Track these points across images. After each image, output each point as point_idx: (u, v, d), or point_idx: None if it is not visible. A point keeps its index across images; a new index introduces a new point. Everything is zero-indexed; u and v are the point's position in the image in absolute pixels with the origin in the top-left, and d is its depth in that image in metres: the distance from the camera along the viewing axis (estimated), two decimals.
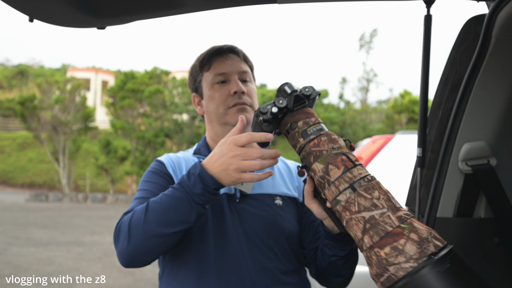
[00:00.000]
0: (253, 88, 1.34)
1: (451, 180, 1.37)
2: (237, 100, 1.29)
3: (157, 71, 24.68)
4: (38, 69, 51.74)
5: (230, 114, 1.30)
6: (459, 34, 1.39)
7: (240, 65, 1.33)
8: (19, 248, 8.28)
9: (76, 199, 21.24)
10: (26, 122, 23.96)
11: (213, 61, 1.33)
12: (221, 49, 1.34)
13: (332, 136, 0.95)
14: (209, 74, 1.33)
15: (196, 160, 1.32)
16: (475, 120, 1.36)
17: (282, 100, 0.97)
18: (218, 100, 1.31)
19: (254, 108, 1.31)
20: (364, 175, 0.89)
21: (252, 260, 1.20)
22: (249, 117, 1.29)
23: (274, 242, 1.23)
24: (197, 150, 1.37)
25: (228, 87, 1.30)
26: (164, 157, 1.34)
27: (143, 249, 1.05)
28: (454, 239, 1.37)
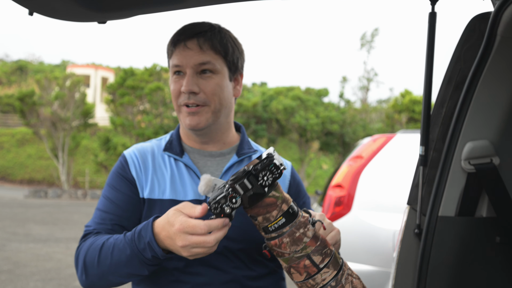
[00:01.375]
0: (214, 82, 1.18)
1: (453, 179, 1.36)
2: (187, 100, 1.17)
3: (157, 68, 24.66)
4: (37, 65, 51.70)
5: (182, 114, 1.20)
6: (464, 32, 1.38)
7: (197, 56, 1.16)
8: (18, 244, 8.28)
9: (75, 196, 21.24)
10: (25, 118, 23.94)
11: (174, 49, 1.19)
12: (184, 33, 1.19)
13: (295, 235, 0.87)
14: (170, 61, 1.22)
15: (167, 158, 1.24)
16: (478, 119, 1.35)
17: (236, 199, 0.87)
18: (172, 93, 1.21)
19: (212, 106, 1.18)
20: (328, 282, 0.87)
21: (218, 271, 1.15)
22: (201, 120, 1.17)
23: (242, 251, 1.17)
24: (168, 144, 1.26)
25: (183, 81, 1.18)
26: (130, 152, 1.25)
27: (99, 286, 1.10)
28: (455, 238, 1.37)
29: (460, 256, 1.36)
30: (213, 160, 1.25)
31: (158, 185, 1.20)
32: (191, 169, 1.21)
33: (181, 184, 1.20)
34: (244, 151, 1.26)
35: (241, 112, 22.54)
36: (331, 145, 24.46)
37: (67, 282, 5.80)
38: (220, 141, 1.26)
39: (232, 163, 1.23)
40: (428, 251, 1.35)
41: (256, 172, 0.86)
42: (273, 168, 0.86)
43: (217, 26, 1.23)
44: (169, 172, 1.21)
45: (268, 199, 0.87)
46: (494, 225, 1.37)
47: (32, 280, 5.84)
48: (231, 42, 1.23)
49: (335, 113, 24.41)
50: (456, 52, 1.40)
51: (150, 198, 1.18)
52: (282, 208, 0.88)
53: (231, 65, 1.22)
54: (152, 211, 1.17)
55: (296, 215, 0.89)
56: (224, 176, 1.22)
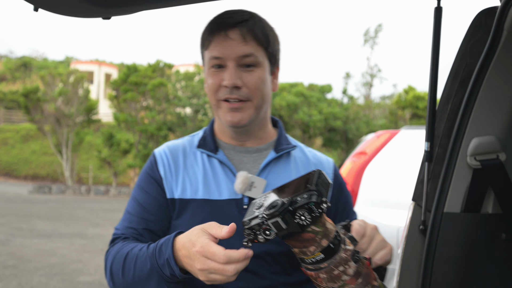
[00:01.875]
0: (257, 76, 1.10)
1: (459, 175, 1.35)
2: (228, 94, 1.09)
3: (160, 64, 24.66)
4: (41, 61, 51.79)
5: (222, 109, 1.12)
6: (470, 26, 1.37)
7: (240, 47, 1.08)
8: (22, 239, 8.32)
9: (79, 192, 21.32)
10: (30, 114, 24.01)
11: (212, 40, 1.11)
12: (224, 23, 1.10)
13: (334, 272, 0.80)
14: (207, 53, 1.13)
15: (200, 155, 1.18)
16: (484, 115, 1.34)
17: (270, 231, 0.79)
18: (210, 88, 1.12)
19: (255, 102, 1.12)
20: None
21: (255, 276, 1.08)
22: (244, 117, 1.11)
23: (282, 255, 1.10)
24: (202, 141, 1.20)
25: (223, 74, 1.10)
26: (160, 150, 1.21)
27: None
28: (461, 234, 1.36)
29: (466, 253, 1.36)
30: (249, 156, 1.18)
31: (190, 184, 1.14)
32: (226, 166, 1.15)
33: (215, 183, 1.13)
34: (282, 147, 1.19)
35: None
36: (334, 141, 24.42)
37: (71, 277, 5.82)
38: (257, 137, 1.20)
39: (270, 159, 1.16)
40: (433, 247, 1.35)
41: (294, 209, 0.76)
42: (314, 206, 0.75)
43: (257, 15, 1.15)
44: (201, 170, 1.15)
45: (306, 234, 0.78)
46: (500, 222, 1.36)
47: (36, 275, 5.87)
48: (271, 32, 1.15)
49: (338, 109, 24.36)
50: (462, 47, 1.39)
51: (182, 198, 1.13)
52: (321, 243, 0.79)
53: (271, 57, 1.15)
54: (184, 212, 1.12)
55: (337, 250, 0.80)
56: (262, 173, 1.15)
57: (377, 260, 0.91)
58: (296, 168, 1.19)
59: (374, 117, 27.53)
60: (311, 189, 0.76)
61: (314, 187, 0.76)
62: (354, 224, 0.92)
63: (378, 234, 0.94)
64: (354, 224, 0.92)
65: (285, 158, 1.20)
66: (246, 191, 1.11)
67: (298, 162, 1.21)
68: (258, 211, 0.81)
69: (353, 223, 0.93)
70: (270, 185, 1.14)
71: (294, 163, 1.20)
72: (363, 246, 0.91)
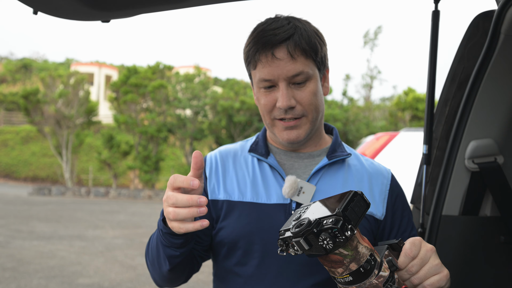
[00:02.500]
0: (309, 91, 1.08)
1: (457, 178, 1.36)
2: (283, 115, 1.09)
3: (160, 66, 24.68)
4: (42, 63, 51.82)
5: (277, 128, 1.12)
6: (467, 30, 1.38)
7: (290, 67, 1.05)
8: (21, 242, 8.32)
9: (79, 193, 21.30)
10: (30, 116, 24.01)
11: (258, 61, 1.08)
12: (270, 41, 1.05)
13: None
14: (255, 73, 1.11)
15: (250, 159, 1.18)
16: (482, 118, 1.35)
17: (298, 247, 0.77)
18: (263, 108, 1.11)
19: (310, 117, 1.10)
20: None
21: (296, 284, 1.07)
22: (300, 134, 1.10)
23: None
24: (254, 145, 1.20)
25: (275, 94, 1.08)
26: (211, 153, 1.23)
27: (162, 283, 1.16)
28: (459, 237, 1.36)
29: (464, 255, 1.36)
30: (300, 162, 1.17)
31: (238, 187, 1.14)
32: (276, 170, 1.14)
33: (264, 186, 1.13)
34: (336, 154, 1.16)
35: (244, 109, 22.52)
36: None
37: (70, 280, 5.82)
38: (311, 144, 1.18)
39: (321, 165, 1.14)
40: None
41: (318, 231, 0.74)
42: (337, 232, 0.72)
43: (299, 23, 1.10)
44: (251, 174, 1.15)
45: (333, 256, 0.75)
46: (498, 225, 1.37)
47: (35, 277, 5.87)
48: (317, 38, 1.11)
49: (338, 111, 24.35)
50: (460, 51, 1.39)
51: (229, 200, 1.13)
52: (349, 267, 0.75)
53: (320, 64, 1.12)
54: (231, 214, 1.12)
55: (368, 275, 0.76)
56: (312, 179, 1.13)
57: (428, 285, 0.85)
58: (351, 176, 1.16)
59: (374, 119, 27.54)
60: (337, 213, 0.74)
61: (340, 212, 0.74)
62: (406, 243, 0.86)
63: (434, 257, 0.87)
64: (406, 244, 0.86)
65: (339, 166, 1.17)
66: (294, 196, 1.09)
67: (353, 170, 1.17)
68: (293, 223, 0.80)
69: (406, 243, 0.86)
70: (321, 191, 1.12)
71: (348, 171, 1.17)
72: (413, 268, 0.84)
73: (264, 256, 1.08)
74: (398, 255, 0.85)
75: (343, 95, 29.86)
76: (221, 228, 1.12)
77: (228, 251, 1.12)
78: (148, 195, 20.84)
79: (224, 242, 1.11)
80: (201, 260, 1.18)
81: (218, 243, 1.13)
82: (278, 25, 1.08)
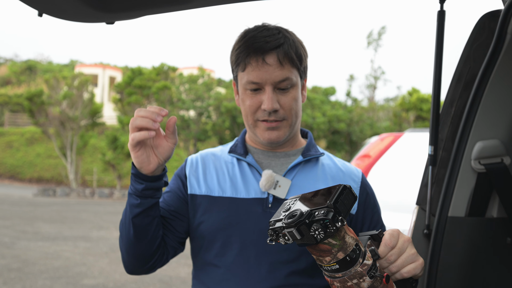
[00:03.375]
0: (291, 97, 1.17)
1: (463, 179, 1.35)
2: (266, 117, 1.17)
3: (164, 68, 24.73)
4: (46, 64, 52.04)
5: (259, 129, 1.20)
6: (473, 30, 1.37)
7: (277, 72, 1.14)
8: (26, 242, 8.35)
9: (83, 194, 21.37)
10: (34, 117, 24.11)
11: (248, 64, 1.15)
12: (261, 48, 1.13)
13: (347, 284, 0.82)
14: (243, 75, 1.18)
15: (230, 159, 1.26)
16: (488, 118, 1.34)
17: (289, 237, 0.81)
18: (248, 109, 1.19)
19: (290, 120, 1.19)
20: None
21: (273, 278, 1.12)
22: (280, 135, 1.19)
23: (306, 253, 1.14)
24: (233, 147, 1.28)
25: (261, 97, 1.16)
26: (192, 155, 1.32)
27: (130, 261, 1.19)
28: (465, 238, 1.35)
29: (470, 257, 1.35)
30: (277, 160, 1.25)
31: (218, 184, 1.22)
32: (254, 168, 1.23)
33: (243, 183, 1.21)
34: (310, 153, 1.25)
35: None
36: (338, 143, 24.38)
37: (75, 280, 5.83)
38: (287, 146, 1.27)
39: (297, 162, 1.23)
40: (437, 252, 1.34)
41: (310, 222, 0.78)
42: (328, 223, 0.77)
43: (288, 34, 1.19)
44: (230, 172, 1.24)
45: (322, 245, 0.80)
46: (505, 226, 1.36)
47: (40, 278, 5.89)
48: (302, 49, 1.21)
49: (342, 112, 24.32)
50: (466, 51, 1.38)
51: (210, 195, 1.21)
52: (337, 256, 0.80)
53: (302, 73, 1.22)
54: (211, 208, 1.19)
55: (353, 263, 0.81)
56: (288, 175, 1.21)
57: (405, 273, 0.91)
58: (324, 174, 1.24)
59: (378, 120, 27.48)
60: (328, 205, 0.78)
61: (332, 204, 0.78)
62: (386, 234, 0.92)
63: (411, 247, 0.93)
64: (386, 235, 0.92)
65: (313, 163, 1.26)
66: (270, 189, 1.18)
67: (326, 168, 1.26)
68: (284, 214, 0.84)
69: (385, 234, 0.92)
70: (296, 186, 1.20)
71: (321, 169, 1.25)
72: (391, 257, 0.90)
73: (242, 247, 1.15)
74: (378, 245, 0.91)
75: (347, 95, 29.82)
76: (201, 222, 1.20)
77: (208, 243, 1.18)
78: None
79: (204, 235, 1.18)
80: (173, 250, 1.22)
81: (198, 236, 1.20)
82: (269, 34, 1.16)
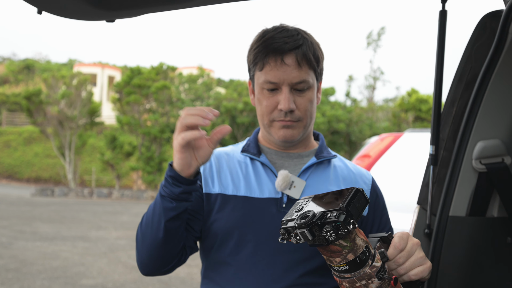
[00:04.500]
0: (307, 98, 1.18)
1: (464, 179, 1.35)
2: (283, 117, 1.17)
3: (163, 67, 24.71)
4: (44, 63, 51.99)
5: (274, 128, 1.20)
6: (475, 30, 1.37)
7: (295, 73, 1.15)
8: (24, 242, 8.33)
9: (81, 194, 21.35)
10: (32, 116, 24.09)
11: (266, 63, 1.16)
12: (280, 48, 1.14)
13: (356, 285, 0.83)
14: (260, 75, 1.18)
15: (243, 159, 1.26)
16: (489, 118, 1.34)
17: (301, 237, 0.82)
18: (264, 109, 1.19)
19: (305, 121, 1.20)
20: None
21: (286, 277, 1.12)
22: (294, 134, 1.20)
23: (318, 255, 1.14)
24: (246, 147, 1.28)
25: (278, 97, 1.17)
26: None
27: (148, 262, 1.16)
28: (466, 238, 1.35)
29: (471, 256, 1.35)
30: (290, 161, 1.26)
31: (232, 182, 1.22)
32: (268, 167, 1.23)
33: (257, 182, 1.21)
34: (323, 154, 1.26)
35: (248, 110, 22.53)
36: (338, 144, 24.40)
37: (73, 281, 5.82)
38: (301, 147, 1.28)
39: (311, 164, 1.23)
40: (438, 251, 1.34)
41: (322, 224, 0.80)
42: (340, 226, 0.78)
43: (306, 35, 1.20)
44: (244, 171, 1.24)
45: (333, 247, 0.82)
46: (506, 226, 1.36)
47: (38, 278, 5.87)
48: (319, 51, 1.22)
49: (341, 112, 24.34)
50: (467, 51, 1.38)
51: (224, 193, 1.20)
52: (347, 257, 0.82)
53: (319, 75, 1.23)
54: (225, 207, 1.19)
55: (363, 265, 0.82)
56: (303, 175, 1.22)
57: (412, 275, 0.93)
58: (336, 175, 1.26)
59: (377, 120, 27.51)
60: (341, 208, 0.79)
61: (344, 207, 0.79)
62: (395, 237, 0.93)
63: (419, 250, 0.95)
64: (395, 237, 0.93)
65: (325, 165, 1.27)
66: (285, 190, 1.18)
67: (338, 170, 1.27)
68: (296, 214, 0.86)
69: (395, 236, 0.93)
70: (310, 186, 1.21)
71: (333, 171, 1.27)
72: (400, 260, 0.92)
73: (256, 246, 1.14)
74: (387, 247, 0.93)
75: (346, 96, 29.83)
76: (215, 220, 1.19)
77: (221, 242, 1.17)
78: (151, 196, 20.87)
79: (217, 233, 1.17)
80: (190, 251, 1.21)
81: (212, 235, 1.19)
82: (288, 34, 1.17)
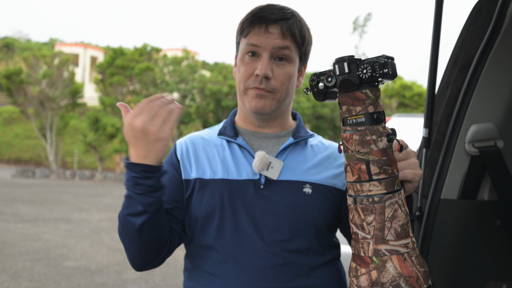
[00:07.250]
0: (286, 71, 1.18)
1: (456, 162, 1.35)
2: (257, 84, 1.16)
3: (147, 48, 24.32)
4: (24, 42, 50.65)
5: (248, 96, 1.19)
6: (471, 12, 1.36)
7: (278, 40, 1.15)
8: (5, 224, 8.21)
9: (63, 176, 21.08)
10: (13, 96, 23.54)
11: (251, 30, 1.17)
12: (267, 17, 1.15)
13: (366, 138, 0.85)
14: (244, 40, 1.19)
15: (220, 142, 1.25)
16: (483, 102, 1.34)
17: (332, 78, 0.87)
18: (242, 75, 1.18)
19: (279, 95, 1.18)
20: (372, 195, 0.85)
21: (269, 256, 1.13)
22: (266, 105, 1.17)
23: (299, 234, 1.15)
24: (223, 129, 1.27)
25: (256, 64, 1.17)
26: (181, 140, 1.28)
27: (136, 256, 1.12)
28: (457, 221, 1.36)
29: (461, 239, 1.36)
30: (268, 141, 1.25)
31: (209, 166, 1.21)
32: (245, 149, 1.21)
33: (235, 164, 1.20)
34: (300, 134, 1.26)
35: (233, 94, 22.39)
36: (322, 128, 24.52)
37: (56, 262, 5.77)
38: (277, 126, 1.26)
39: (288, 144, 1.23)
40: (429, 233, 1.35)
41: (361, 62, 0.84)
42: (377, 66, 0.82)
43: (297, 14, 1.21)
44: (221, 154, 1.23)
45: (359, 93, 0.85)
46: (495, 209, 1.37)
47: (20, 260, 5.80)
48: (308, 33, 1.22)
49: None
50: (462, 34, 1.37)
51: (202, 178, 1.19)
52: (367, 109, 0.85)
53: (303, 55, 1.22)
54: (203, 190, 1.18)
55: (378, 122, 0.86)
56: (280, 156, 1.21)
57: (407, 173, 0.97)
58: (313, 154, 1.25)
59: None
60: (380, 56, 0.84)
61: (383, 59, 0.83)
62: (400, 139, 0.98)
63: (415, 157, 1.00)
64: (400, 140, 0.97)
65: (303, 145, 1.26)
66: (263, 170, 1.17)
67: (315, 148, 1.27)
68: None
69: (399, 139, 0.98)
70: (288, 167, 1.20)
71: (311, 150, 1.27)
72: (399, 155, 0.96)
73: (237, 228, 1.14)
74: None
75: None
76: (194, 204, 1.18)
77: (202, 227, 1.17)
78: None
79: (197, 218, 1.17)
80: (179, 237, 1.20)
81: (192, 220, 1.18)
82: (278, 7, 1.18)
